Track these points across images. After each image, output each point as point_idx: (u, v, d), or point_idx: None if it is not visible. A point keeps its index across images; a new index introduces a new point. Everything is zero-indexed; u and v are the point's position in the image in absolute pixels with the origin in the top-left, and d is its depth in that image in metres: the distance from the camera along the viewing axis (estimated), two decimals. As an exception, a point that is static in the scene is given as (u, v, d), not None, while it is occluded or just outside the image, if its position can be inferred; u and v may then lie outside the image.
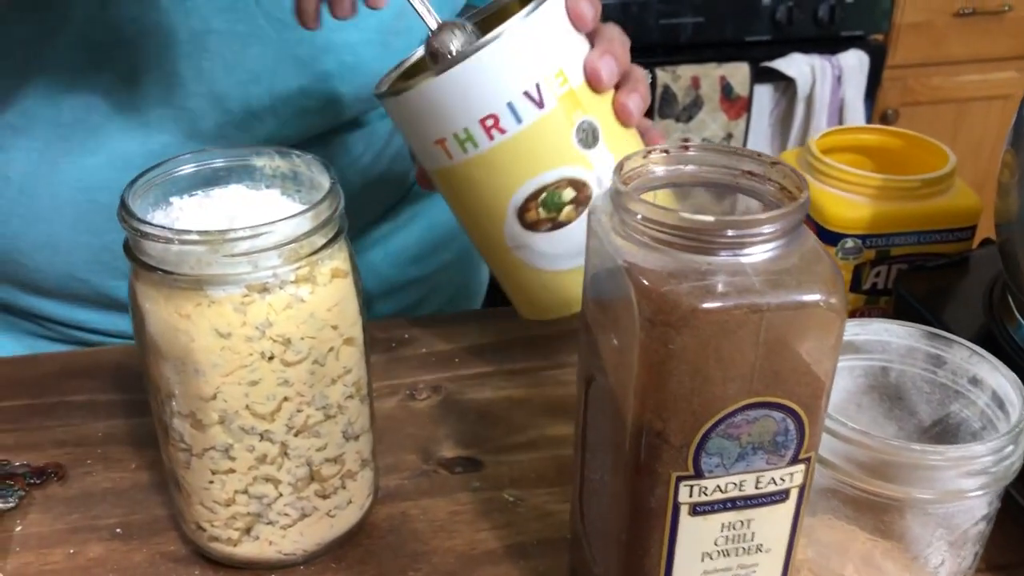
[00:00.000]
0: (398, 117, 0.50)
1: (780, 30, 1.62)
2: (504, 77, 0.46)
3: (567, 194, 0.48)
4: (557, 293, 0.52)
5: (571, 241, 0.49)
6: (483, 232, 0.52)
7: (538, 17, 0.46)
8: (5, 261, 0.63)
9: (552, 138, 0.47)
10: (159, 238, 0.39)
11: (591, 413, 0.39)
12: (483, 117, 0.46)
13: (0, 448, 0.54)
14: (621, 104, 0.50)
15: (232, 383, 0.41)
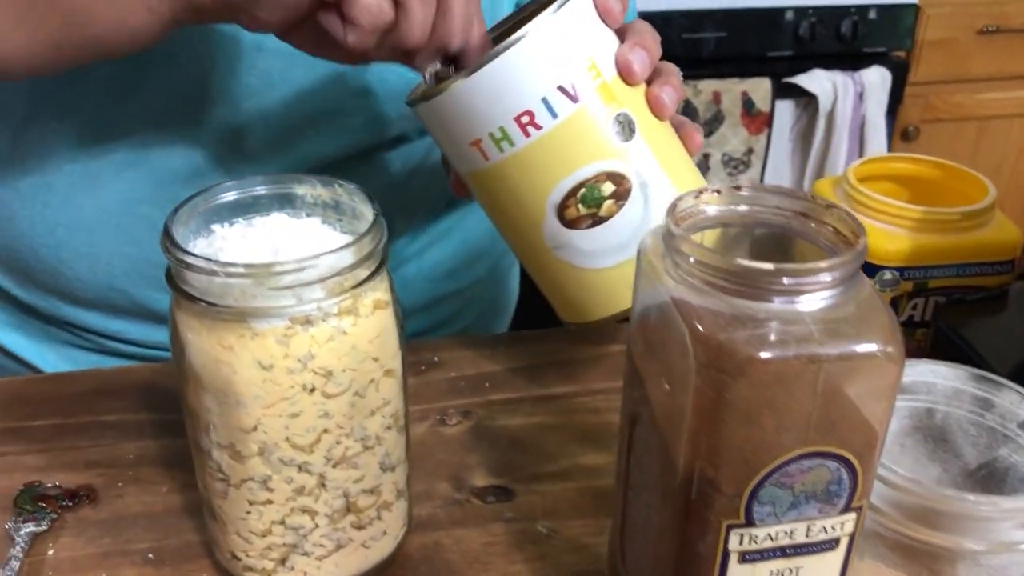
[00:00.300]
0: (431, 122, 0.50)
1: (802, 46, 1.61)
2: (537, 72, 0.46)
3: (606, 188, 0.48)
4: (601, 292, 0.51)
5: (612, 237, 0.49)
6: (522, 234, 0.51)
7: (567, 12, 0.46)
8: (47, 271, 0.63)
9: (588, 132, 0.47)
10: (204, 270, 0.39)
11: (636, 453, 0.39)
12: (518, 114, 0.46)
13: (33, 468, 0.54)
14: (655, 96, 0.50)
15: (273, 415, 0.41)
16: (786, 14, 1.59)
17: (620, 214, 0.48)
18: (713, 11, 1.56)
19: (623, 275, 0.50)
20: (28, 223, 0.62)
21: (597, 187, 0.48)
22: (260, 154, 0.61)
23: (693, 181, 0.51)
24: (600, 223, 0.48)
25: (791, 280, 0.32)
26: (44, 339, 0.68)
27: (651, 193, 0.48)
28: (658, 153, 0.49)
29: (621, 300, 0.51)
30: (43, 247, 0.62)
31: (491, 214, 0.53)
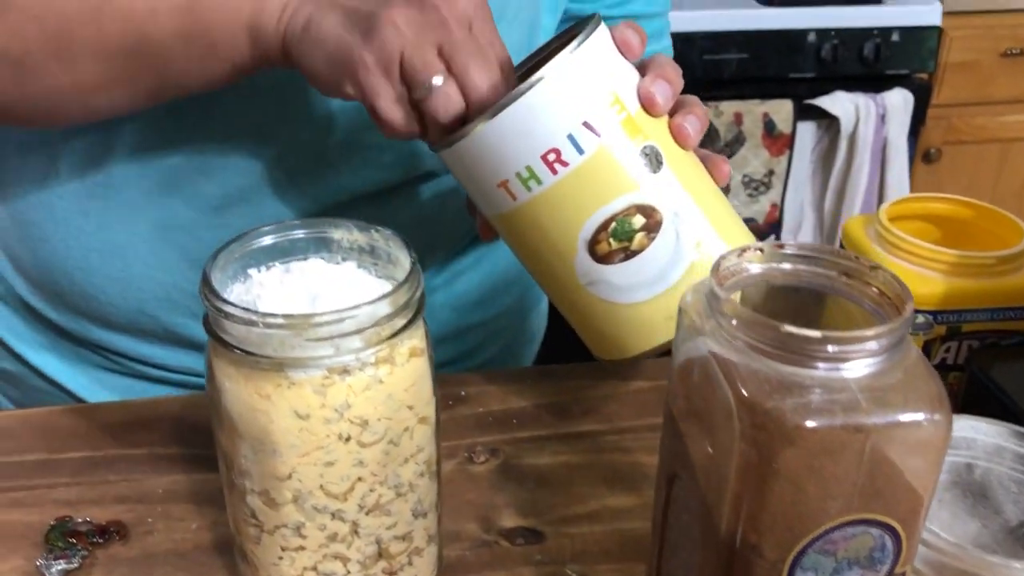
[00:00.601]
0: (456, 166, 0.50)
1: (824, 68, 1.61)
2: (561, 110, 0.46)
3: (637, 221, 0.47)
4: (636, 327, 0.51)
5: (645, 270, 0.49)
6: (553, 272, 0.51)
7: (587, 48, 0.46)
8: (80, 294, 0.64)
9: (616, 166, 0.47)
10: (243, 320, 0.39)
11: (674, 511, 0.39)
12: (544, 152, 0.46)
13: (63, 502, 0.54)
14: (678, 126, 0.50)
15: (308, 464, 0.41)
16: (808, 36, 1.59)
17: (652, 247, 0.48)
18: (735, 33, 1.56)
19: (658, 309, 0.50)
20: (63, 246, 0.62)
21: (628, 220, 0.47)
22: (292, 185, 0.61)
23: (722, 211, 0.51)
24: (632, 256, 0.48)
25: (837, 348, 0.31)
26: (75, 361, 0.69)
27: (682, 224, 0.48)
28: (686, 183, 0.49)
29: (657, 335, 0.51)
30: (76, 270, 0.63)
31: (520, 254, 0.53)
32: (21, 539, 0.52)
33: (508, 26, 0.62)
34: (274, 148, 0.60)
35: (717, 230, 0.49)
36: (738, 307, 0.33)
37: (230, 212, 0.61)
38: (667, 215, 0.48)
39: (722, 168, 0.53)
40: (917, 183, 1.74)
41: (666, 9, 0.74)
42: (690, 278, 0.48)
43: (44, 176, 0.61)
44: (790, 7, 1.60)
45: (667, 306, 0.49)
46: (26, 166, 0.62)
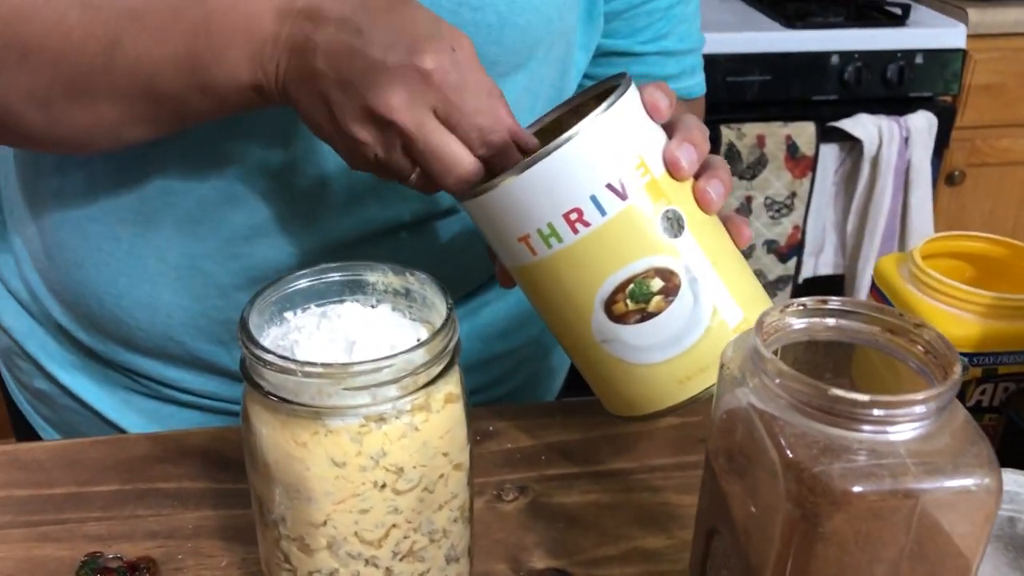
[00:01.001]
0: (479, 217, 0.50)
1: (848, 90, 1.60)
2: (586, 171, 0.46)
3: (655, 284, 0.47)
4: (649, 387, 0.51)
5: (661, 333, 0.49)
6: (569, 327, 0.51)
7: (616, 110, 0.46)
8: (109, 317, 0.64)
9: (637, 229, 0.47)
10: (281, 368, 0.39)
11: (713, 566, 0.38)
12: (567, 211, 0.46)
13: (93, 538, 0.55)
14: (701, 191, 0.50)
15: (343, 511, 0.41)
16: (832, 58, 1.59)
17: (669, 310, 0.48)
18: (758, 55, 1.56)
19: (671, 371, 0.50)
20: (94, 270, 0.63)
21: (646, 283, 0.47)
22: (322, 217, 0.61)
23: (741, 276, 0.51)
24: (649, 319, 0.48)
25: (884, 412, 0.31)
26: (104, 382, 0.69)
27: (701, 289, 0.48)
28: (706, 248, 0.49)
29: (668, 397, 0.51)
30: (106, 295, 0.63)
31: (538, 307, 0.53)
32: (53, 574, 0.52)
33: (539, 64, 0.62)
34: (303, 180, 0.60)
35: (734, 296, 0.49)
36: (783, 367, 0.32)
37: (257, 243, 0.61)
38: (685, 279, 0.48)
39: (743, 231, 0.53)
40: (940, 206, 1.73)
41: (699, 46, 0.74)
42: (705, 343, 0.48)
43: (80, 200, 0.62)
44: (814, 29, 1.59)
45: (680, 369, 0.49)
46: (64, 190, 0.63)
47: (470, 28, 0.57)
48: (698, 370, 0.49)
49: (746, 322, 0.49)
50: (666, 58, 0.73)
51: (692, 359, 0.49)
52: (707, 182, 0.50)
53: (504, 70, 0.60)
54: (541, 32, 0.60)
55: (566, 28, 0.63)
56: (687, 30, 0.73)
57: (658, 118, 0.49)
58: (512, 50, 0.59)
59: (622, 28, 0.70)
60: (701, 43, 0.75)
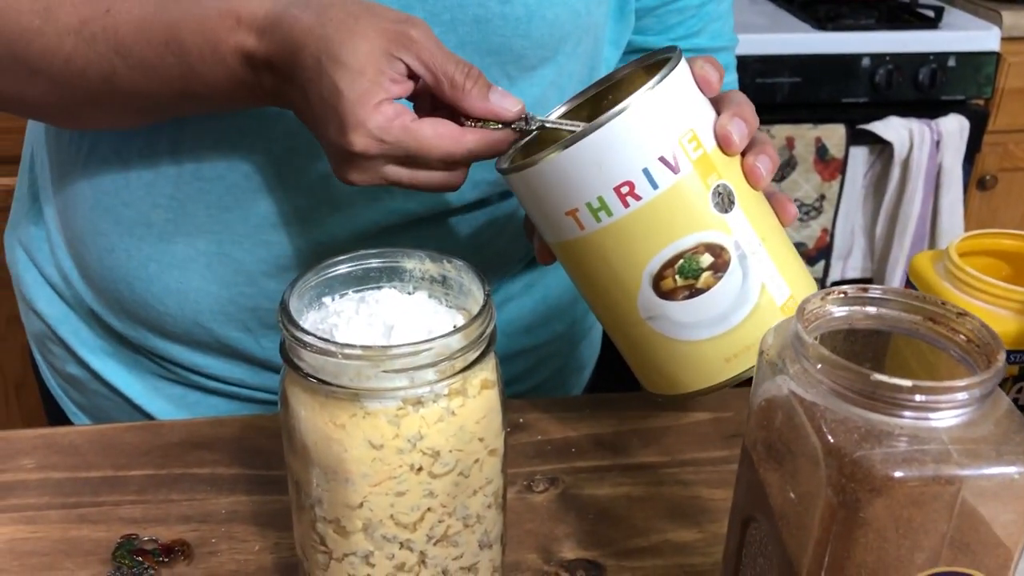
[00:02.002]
0: (524, 190, 0.49)
1: (878, 92, 1.59)
2: (640, 143, 0.45)
3: (704, 260, 0.47)
4: (694, 365, 0.50)
5: (709, 309, 0.48)
6: (614, 303, 0.51)
7: (669, 82, 0.46)
8: (139, 303, 0.65)
9: (689, 203, 0.47)
10: (321, 350, 0.39)
11: (749, 554, 0.38)
12: (618, 184, 0.46)
13: (128, 520, 0.55)
14: (750, 166, 0.49)
15: (379, 493, 0.41)
16: (862, 60, 1.57)
17: (718, 286, 0.47)
18: (788, 56, 1.55)
19: (717, 349, 0.49)
20: (125, 255, 0.64)
21: (695, 258, 0.47)
22: (349, 206, 0.62)
23: (788, 254, 0.50)
24: (697, 295, 0.48)
25: (926, 397, 0.31)
26: (133, 368, 0.70)
27: (750, 265, 0.48)
28: (756, 224, 0.49)
29: (714, 375, 0.50)
30: (137, 280, 0.64)
31: (580, 282, 0.52)
32: (89, 555, 0.53)
33: (567, 59, 0.62)
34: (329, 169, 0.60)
35: (782, 273, 0.49)
36: (825, 352, 0.32)
37: (285, 231, 0.61)
38: (735, 255, 0.47)
39: (788, 209, 0.53)
40: (972, 210, 1.71)
41: (733, 44, 0.74)
42: (753, 320, 0.48)
43: (115, 185, 0.63)
44: (844, 31, 1.58)
45: (727, 347, 0.49)
46: (98, 175, 0.64)
47: (498, 21, 0.58)
48: (744, 348, 0.49)
49: (792, 300, 0.49)
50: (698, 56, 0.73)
51: (739, 337, 0.48)
52: (756, 157, 0.49)
53: (531, 64, 0.60)
54: (569, 26, 0.60)
55: (595, 23, 0.63)
56: (720, 28, 0.73)
57: (708, 92, 0.49)
58: (539, 43, 0.59)
59: (653, 25, 0.70)
60: (734, 42, 0.75)
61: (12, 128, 1.34)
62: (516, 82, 0.60)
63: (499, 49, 0.58)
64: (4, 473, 0.59)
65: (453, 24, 0.57)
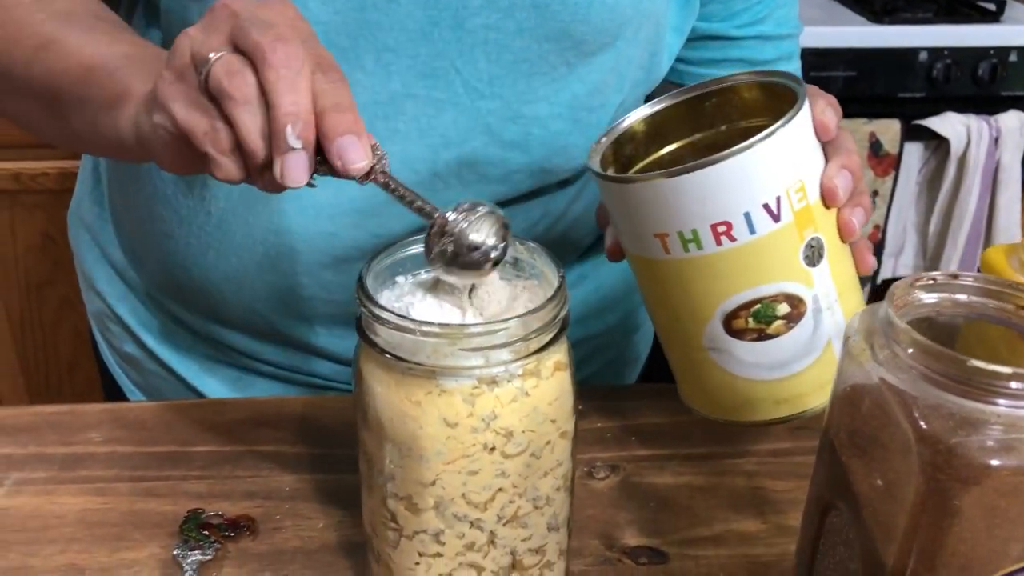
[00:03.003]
0: (616, 201, 0.49)
1: (935, 87, 1.56)
2: (748, 187, 0.44)
3: (781, 308, 0.47)
4: (743, 400, 0.50)
5: (773, 354, 0.48)
6: (680, 327, 0.50)
7: (789, 129, 0.45)
8: (196, 289, 0.66)
9: (780, 252, 0.46)
10: (399, 327, 0.39)
11: (828, 543, 0.38)
12: (716, 223, 0.45)
13: (194, 495, 0.56)
14: (846, 221, 0.48)
15: (452, 471, 0.41)
16: (920, 55, 1.55)
17: (788, 335, 0.47)
18: (843, 50, 1.53)
19: (772, 391, 0.49)
20: (183, 243, 0.64)
21: (773, 306, 0.47)
22: None
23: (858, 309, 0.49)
24: (765, 339, 0.47)
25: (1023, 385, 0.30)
26: (189, 350, 0.71)
27: (823, 320, 0.48)
28: (837, 280, 0.48)
29: (761, 413, 0.50)
30: (195, 267, 0.65)
31: (648, 298, 0.52)
32: (157, 528, 0.54)
33: (627, 44, 0.61)
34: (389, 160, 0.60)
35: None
36: (917, 337, 0.32)
37: (342, 221, 0.61)
38: (811, 309, 0.47)
39: (866, 259, 0.51)
40: (1030, 209, 1.68)
41: (797, 31, 0.73)
42: (812, 371, 0.48)
43: (173, 175, 0.64)
44: (902, 25, 1.55)
45: (780, 391, 0.49)
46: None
47: (557, 6, 0.57)
48: (797, 395, 0.49)
49: None
50: (763, 42, 0.72)
51: (795, 384, 0.49)
52: (852, 211, 0.48)
53: (590, 50, 0.59)
54: (630, 11, 0.59)
55: (656, 9, 0.62)
56: (785, 15, 0.72)
57: (825, 138, 0.48)
58: (599, 29, 0.59)
59: (719, 11, 0.69)
60: (799, 29, 0.74)
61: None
62: (575, 69, 0.60)
63: (558, 35, 0.57)
64: (73, 445, 0.60)
65: (511, 9, 0.56)
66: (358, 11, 0.55)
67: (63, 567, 0.51)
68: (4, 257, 1.50)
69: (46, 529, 0.53)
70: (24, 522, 0.54)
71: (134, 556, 0.52)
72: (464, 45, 0.57)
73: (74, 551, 0.52)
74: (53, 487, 0.56)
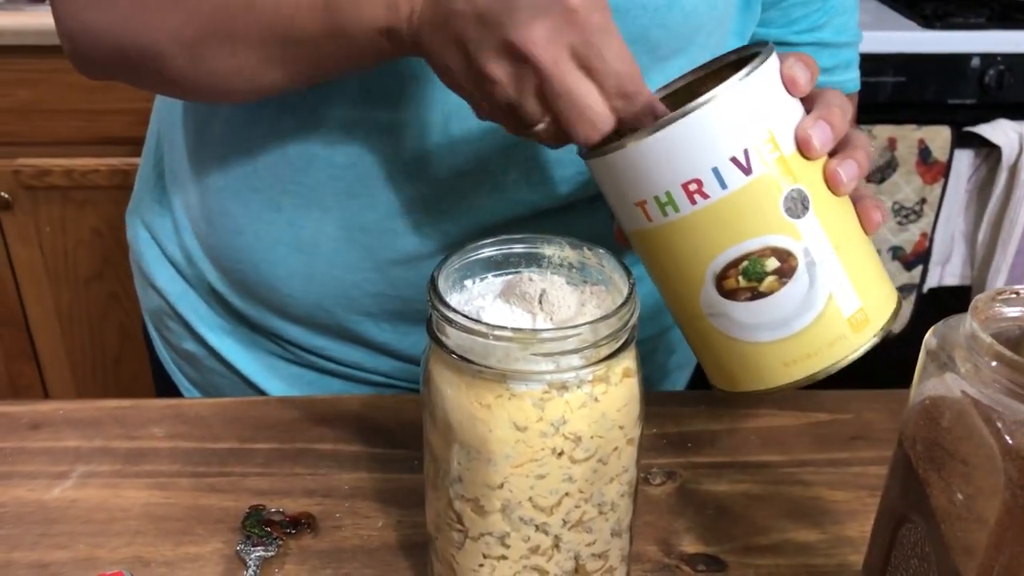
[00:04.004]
0: (600, 176, 0.49)
1: (987, 94, 1.53)
2: (711, 141, 0.44)
3: (770, 264, 0.46)
4: (753, 365, 0.49)
5: (770, 312, 0.47)
6: (678, 296, 0.50)
7: (751, 80, 0.45)
8: (263, 284, 0.67)
9: (758, 206, 0.46)
10: (471, 330, 0.40)
11: (899, 556, 0.37)
12: (686, 181, 0.45)
13: (255, 492, 0.57)
14: (831, 171, 0.48)
15: (520, 475, 0.41)
16: (972, 61, 1.52)
17: (782, 291, 0.46)
18: (893, 55, 1.51)
19: (776, 353, 0.48)
20: (253, 238, 0.65)
21: (761, 261, 0.46)
22: (475, 197, 0.62)
23: (866, 264, 0.49)
24: (759, 297, 0.47)
25: (1116, 400, 0.30)
26: (251, 347, 0.72)
27: (818, 273, 0.47)
28: (830, 232, 0.47)
29: (770, 378, 0.49)
30: (263, 262, 0.65)
31: (649, 272, 0.52)
32: (219, 523, 0.54)
33: (698, 50, 0.61)
34: (459, 159, 0.61)
35: (854, 284, 0.47)
36: (1003, 351, 0.31)
37: (412, 219, 0.62)
38: (803, 262, 0.46)
39: (872, 216, 0.50)
40: (1081, 219, 1.65)
41: (857, 40, 0.72)
42: (816, 328, 0.47)
43: (244, 171, 0.65)
44: (954, 30, 1.53)
45: (786, 352, 0.48)
46: (229, 159, 0.66)
47: (638, 9, 0.57)
48: (804, 355, 0.48)
49: (862, 312, 0.47)
50: (821, 49, 0.71)
51: (800, 343, 0.47)
52: (840, 162, 0.47)
53: (665, 54, 0.60)
54: (705, 16, 0.60)
55: (726, 15, 0.63)
56: (845, 22, 0.72)
57: (795, 92, 0.48)
58: (675, 33, 0.59)
59: (778, 18, 0.69)
60: (859, 37, 0.73)
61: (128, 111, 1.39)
62: (648, 72, 0.59)
63: (635, 38, 0.57)
64: (136, 440, 0.61)
65: None
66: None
67: (129, 559, 0.52)
68: (54, 252, 1.53)
69: (112, 522, 0.54)
70: (91, 514, 0.55)
71: (197, 550, 0.52)
72: None
73: (139, 544, 0.53)
74: (118, 480, 0.57)
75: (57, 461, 0.59)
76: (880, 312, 0.48)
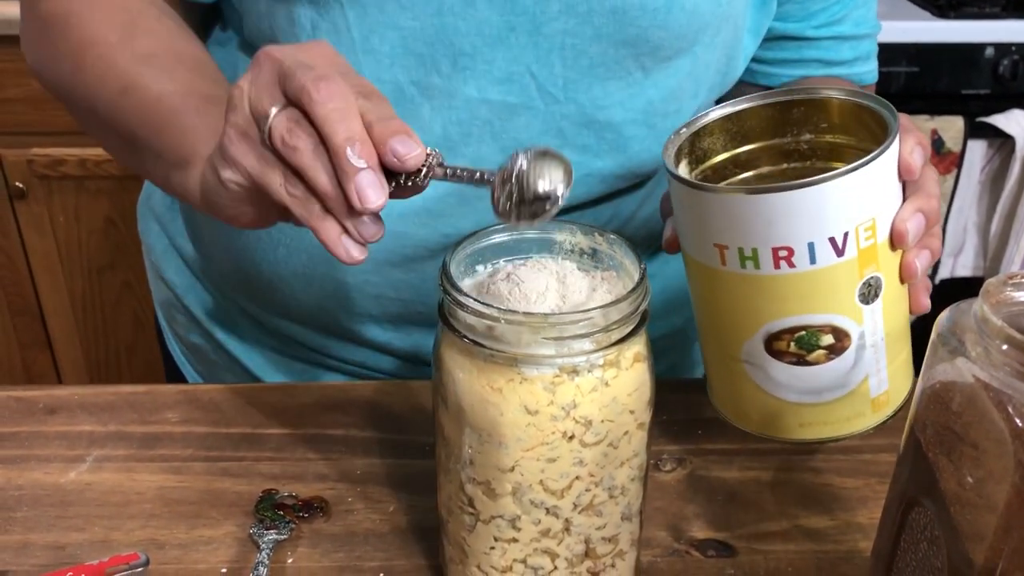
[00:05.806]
0: (685, 203, 0.48)
1: (1001, 84, 1.53)
2: (819, 218, 0.44)
3: (825, 339, 0.46)
4: (768, 415, 0.50)
5: (808, 380, 0.48)
6: (720, 334, 0.50)
7: (875, 166, 0.44)
8: (264, 284, 0.67)
9: (837, 286, 0.45)
10: (483, 314, 0.40)
11: (909, 539, 0.38)
12: (778, 247, 0.44)
13: (268, 476, 0.57)
14: (909, 263, 0.47)
15: (531, 458, 0.42)
16: (986, 51, 1.51)
17: (826, 365, 0.47)
18: (906, 45, 1.50)
19: (797, 413, 0.49)
20: (254, 238, 0.66)
21: (818, 335, 0.46)
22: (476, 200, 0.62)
23: (902, 351, 0.49)
24: (803, 365, 0.47)
25: None
26: (255, 342, 0.72)
27: (864, 357, 0.47)
28: (888, 321, 0.47)
29: (784, 430, 0.50)
30: (264, 262, 0.66)
31: (696, 299, 0.52)
32: (233, 506, 0.55)
33: (705, 49, 0.61)
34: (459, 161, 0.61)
35: (889, 370, 0.48)
36: (1014, 334, 0.32)
37: (412, 221, 0.62)
38: (855, 344, 0.47)
39: (922, 301, 0.50)
40: (1096, 210, 1.64)
41: (875, 31, 0.71)
42: (841, 403, 0.48)
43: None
44: (968, 20, 1.52)
45: (807, 414, 0.49)
46: None
47: (636, 11, 0.57)
48: (822, 422, 0.49)
49: (885, 395, 0.49)
50: (840, 43, 0.70)
51: (822, 411, 0.49)
52: (918, 254, 0.47)
53: (667, 55, 0.59)
54: (708, 16, 0.59)
55: (735, 12, 0.62)
56: (863, 14, 0.71)
57: (908, 179, 0.47)
58: (677, 34, 0.58)
59: (795, 12, 0.68)
60: (877, 29, 0.73)
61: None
62: (651, 74, 0.59)
63: (635, 40, 0.57)
64: (151, 425, 0.61)
65: (589, 15, 0.56)
66: (436, 16, 0.55)
67: (144, 542, 0.52)
68: (68, 241, 1.54)
69: (127, 505, 0.55)
70: (106, 497, 0.55)
71: (211, 533, 0.53)
72: (540, 50, 0.57)
73: (154, 527, 0.53)
74: (132, 464, 0.58)
75: (73, 445, 0.59)
76: (899, 394, 0.50)
